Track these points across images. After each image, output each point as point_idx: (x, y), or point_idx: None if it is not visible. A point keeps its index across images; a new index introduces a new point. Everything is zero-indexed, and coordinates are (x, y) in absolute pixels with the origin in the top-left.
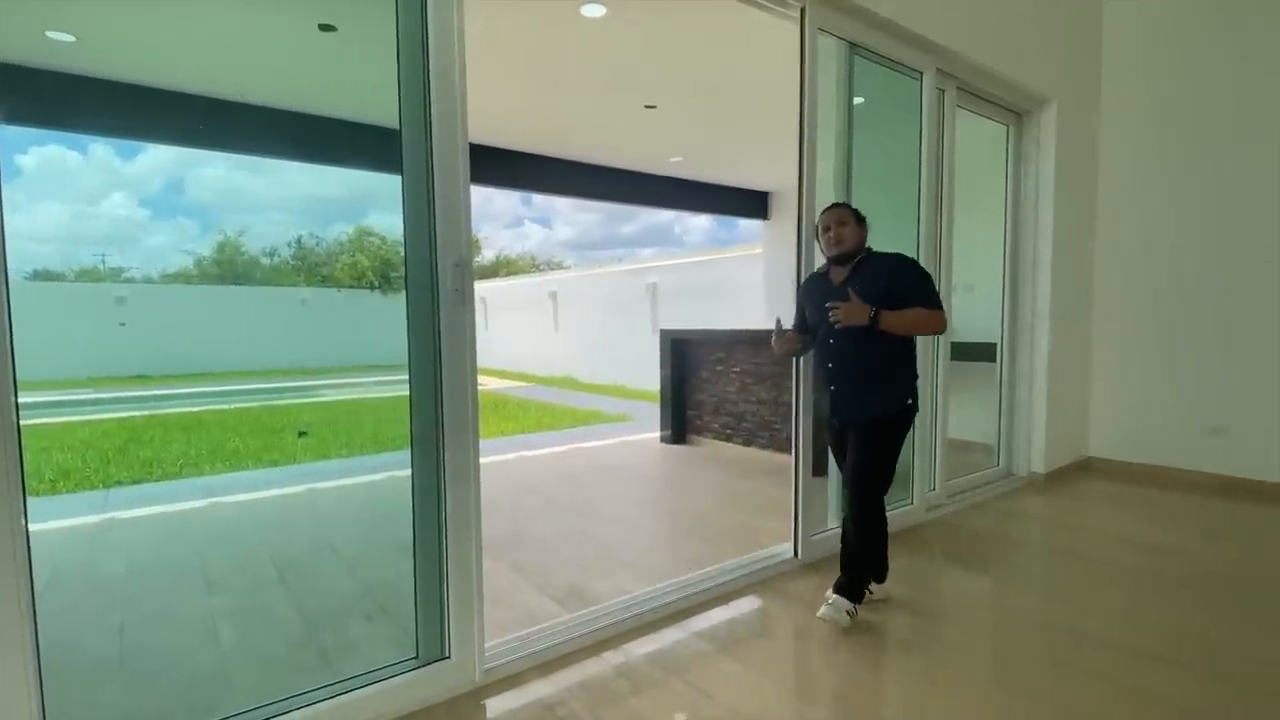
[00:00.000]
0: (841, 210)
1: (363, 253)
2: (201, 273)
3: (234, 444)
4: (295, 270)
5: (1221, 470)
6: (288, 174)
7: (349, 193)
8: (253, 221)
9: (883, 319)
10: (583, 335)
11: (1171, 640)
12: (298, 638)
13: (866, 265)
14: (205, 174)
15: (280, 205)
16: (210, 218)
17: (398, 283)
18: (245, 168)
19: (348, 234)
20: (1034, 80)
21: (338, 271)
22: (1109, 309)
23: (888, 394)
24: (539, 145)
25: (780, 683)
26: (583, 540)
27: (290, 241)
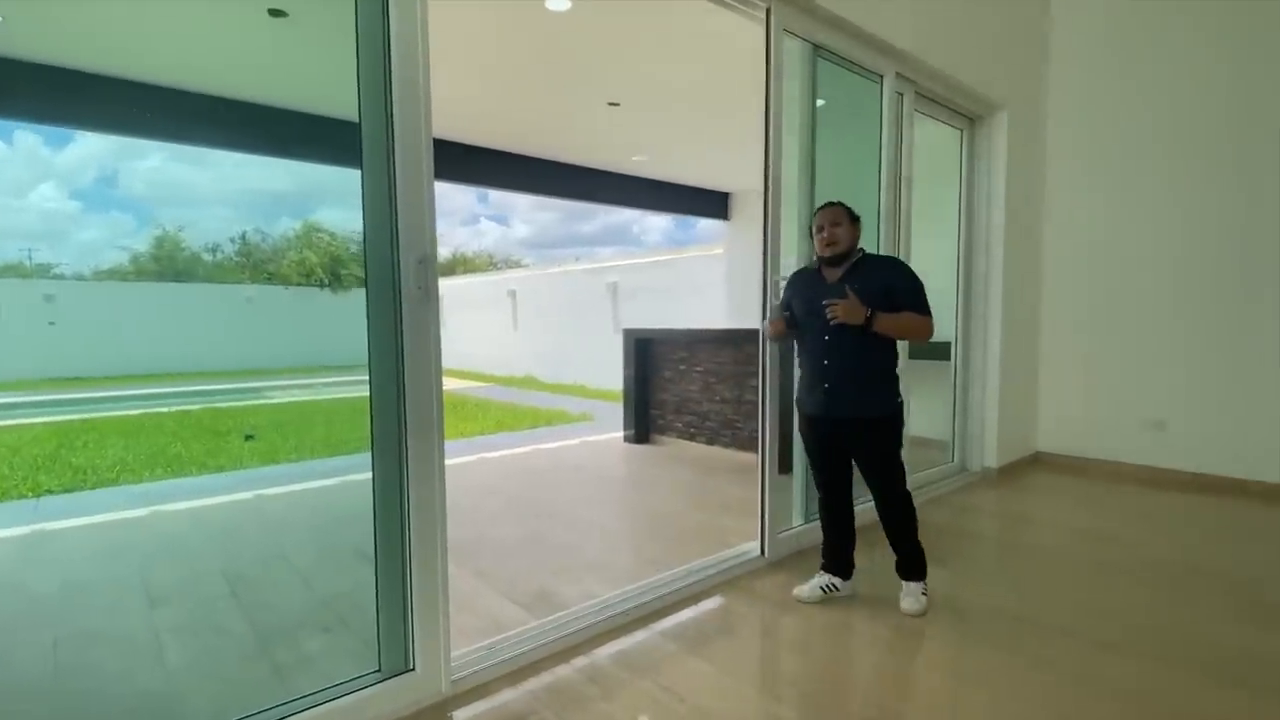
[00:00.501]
0: (836, 210)
1: (311, 249)
2: (138, 269)
3: (175, 449)
4: (240, 267)
5: (1160, 463)
6: (230, 167)
7: (296, 187)
8: (193, 216)
9: (878, 321)
10: (543, 334)
11: (1121, 627)
12: (251, 653)
13: (863, 267)
14: (141, 166)
15: (223, 199)
16: (147, 212)
17: (349, 280)
18: (185, 160)
19: (295, 230)
20: (987, 87)
21: (285, 268)
22: (1054, 310)
23: (885, 393)
24: (499, 140)
25: (751, 682)
26: (548, 543)
27: (234, 237)
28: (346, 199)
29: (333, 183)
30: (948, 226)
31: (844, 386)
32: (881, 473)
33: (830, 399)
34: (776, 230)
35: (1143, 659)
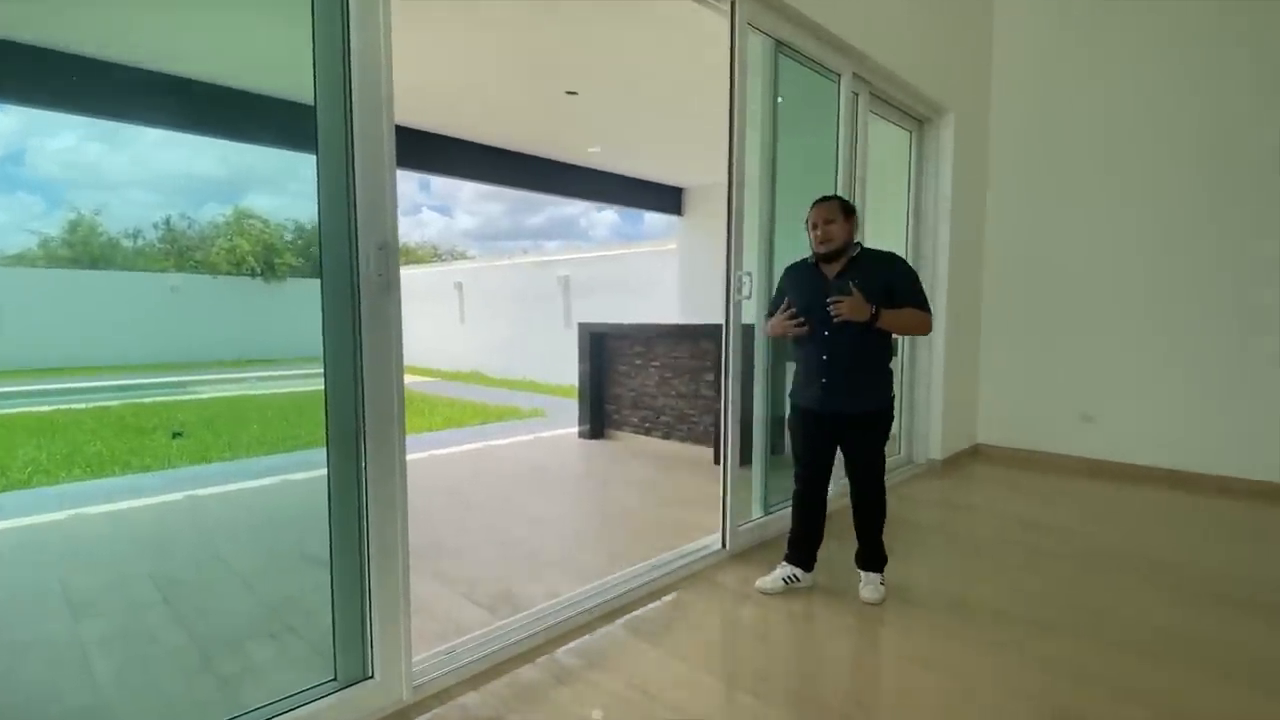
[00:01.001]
0: (830, 206)
1: (243, 236)
2: (49, 255)
3: (94, 447)
4: (164, 254)
5: (1092, 454)
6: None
7: (225, 171)
8: (110, 199)
9: (881, 318)
10: (491, 328)
11: (1059, 609)
12: (190, 665)
13: (863, 262)
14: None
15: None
16: (58, 193)
17: (284, 270)
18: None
19: (225, 216)
20: (936, 90)
21: (213, 256)
22: (994, 307)
23: (881, 388)
24: (449, 126)
25: (719, 675)
26: (507, 542)
27: (157, 222)
28: (281, 184)
29: (262, 167)
30: (898, 225)
31: (842, 381)
32: (868, 466)
33: (828, 394)
34: (740, 225)
35: (1080, 638)
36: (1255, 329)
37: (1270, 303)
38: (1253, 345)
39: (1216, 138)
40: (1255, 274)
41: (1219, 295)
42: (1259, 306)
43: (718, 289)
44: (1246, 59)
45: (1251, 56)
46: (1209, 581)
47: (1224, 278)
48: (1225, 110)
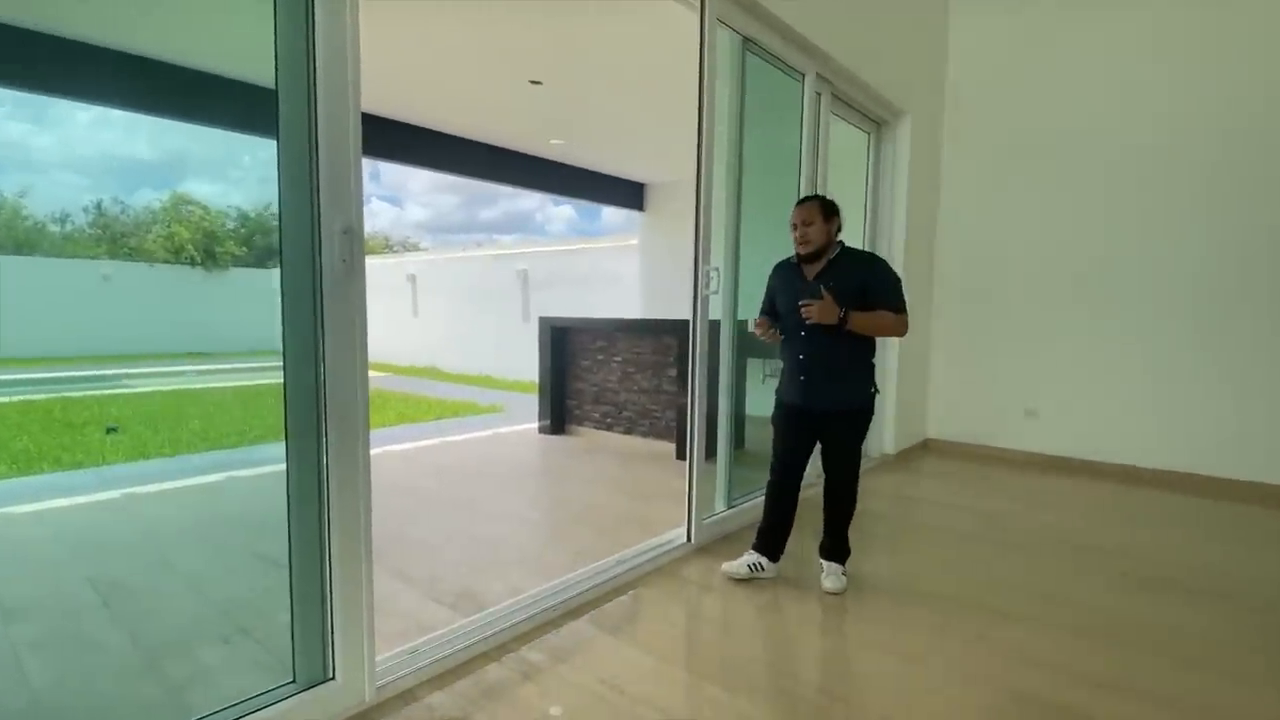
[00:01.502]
0: (809, 208)
1: (181, 223)
2: None
3: (20, 443)
4: (95, 240)
5: (1036, 448)
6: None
7: (160, 155)
8: (36, 181)
9: (852, 320)
10: (446, 322)
11: (1008, 595)
12: (135, 670)
13: (840, 263)
14: None
15: (70, 165)
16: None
17: (225, 259)
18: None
19: (161, 201)
20: (895, 93)
21: (149, 243)
22: (944, 307)
23: (858, 384)
24: (407, 113)
25: (688, 667)
26: (468, 539)
27: (87, 207)
28: (221, 170)
29: (201, 152)
30: (855, 225)
31: (819, 380)
32: (845, 461)
33: (807, 391)
34: (709, 219)
35: (1030, 623)
36: (1189, 328)
37: (1207, 298)
38: (1186, 343)
39: (1160, 142)
40: (1190, 275)
41: (1155, 295)
42: (1191, 307)
43: (680, 284)
44: (1194, 64)
45: (1199, 61)
46: (1147, 567)
47: (1160, 278)
48: (1171, 114)
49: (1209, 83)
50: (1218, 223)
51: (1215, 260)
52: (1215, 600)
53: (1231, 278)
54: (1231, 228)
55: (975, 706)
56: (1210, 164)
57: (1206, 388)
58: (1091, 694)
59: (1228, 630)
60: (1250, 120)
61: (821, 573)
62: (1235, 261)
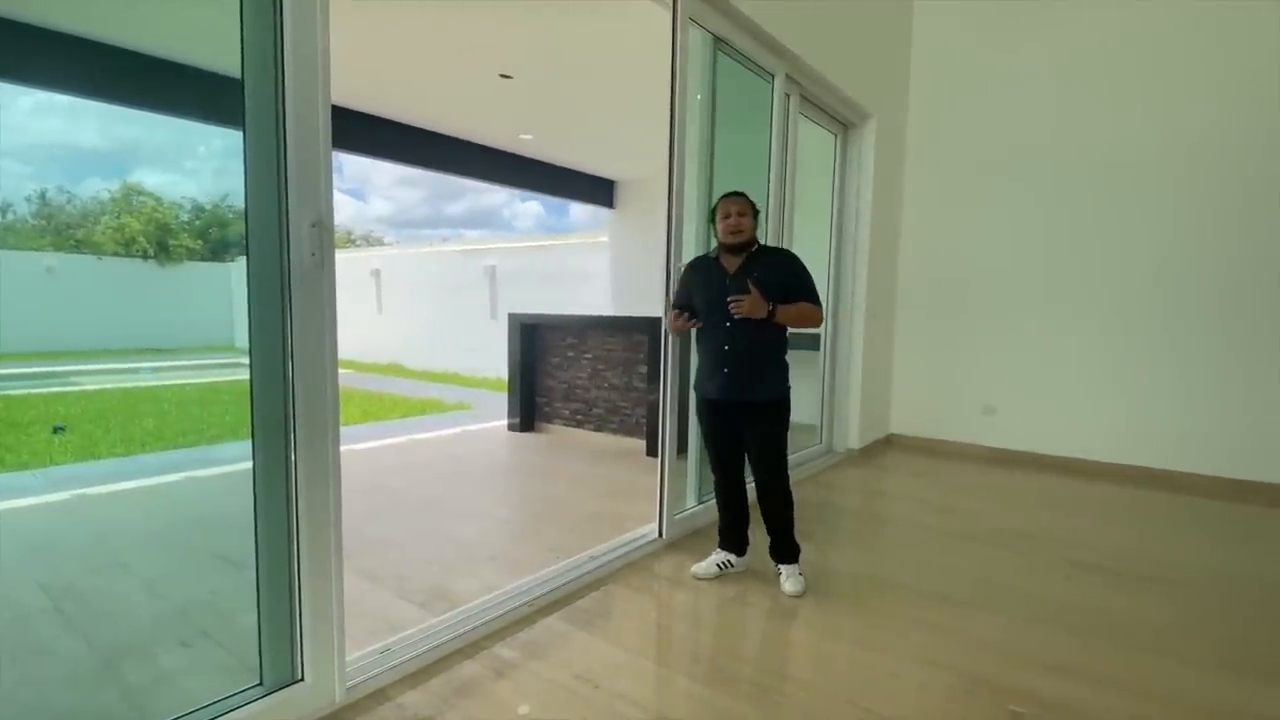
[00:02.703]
0: (743, 200)
1: (131, 215)
2: None
3: None
4: (38, 231)
5: (994, 443)
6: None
7: (109, 143)
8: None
9: (779, 312)
10: (411, 318)
11: (969, 586)
12: (90, 676)
13: (761, 258)
14: None
15: (10, 152)
16: None
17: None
18: None
19: (110, 192)
20: (861, 95)
21: (98, 235)
22: (907, 304)
23: (779, 378)
24: (373, 104)
25: (662, 662)
26: (438, 537)
27: (30, 196)
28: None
29: (153, 141)
30: (822, 225)
31: (744, 371)
32: (769, 455)
33: (730, 383)
34: (680, 216)
35: (985, 610)
36: (1143, 327)
37: (1154, 300)
38: (1139, 342)
39: (1115, 144)
40: (1143, 274)
41: (1108, 293)
42: (1143, 304)
43: (650, 281)
44: (1148, 69)
45: (1154, 65)
46: (1098, 557)
47: (1115, 278)
48: (1136, 105)
49: (1164, 88)
50: (1169, 222)
51: (1168, 259)
52: (1166, 588)
53: (1183, 277)
54: (1184, 227)
55: (934, 689)
56: (1164, 165)
57: (1159, 384)
58: (1043, 677)
59: (1177, 616)
60: (1205, 120)
61: (779, 576)
62: (1187, 261)
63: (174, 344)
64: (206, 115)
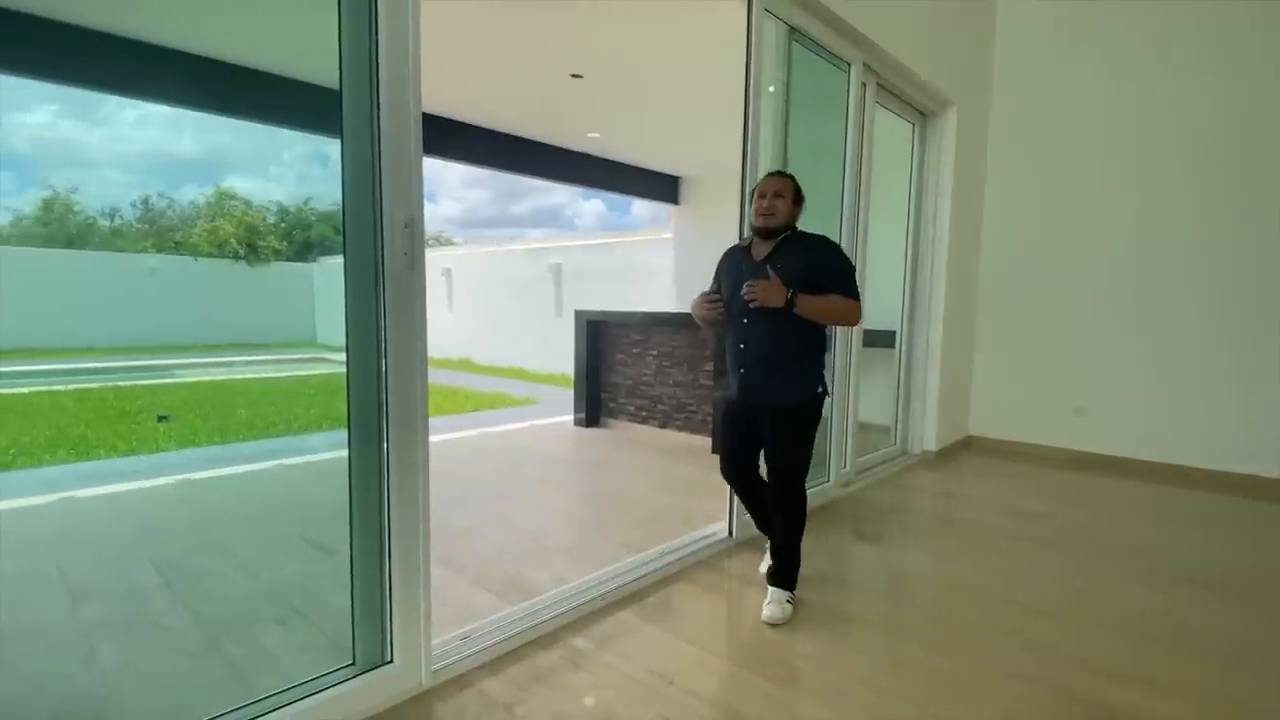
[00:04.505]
0: (784, 180)
1: (224, 218)
2: (21, 233)
3: (79, 430)
4: (142, 235)
5: (1083, 447)
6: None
7: (202, 151)
8: (86, 178)
9: (799, 303)
10: (480, 315)
11: (1055, 595)
12: (198, 651)
13: (790, 245)
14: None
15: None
16: (29, 171)
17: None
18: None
19: (205, 197)
20: (941, 83)
21: (194, 238)
22: (989, 301)
23: (801, 380)
24: (445, 107)
25: (736, 661)
26: (511, 527)
27: (135, 202)
28: (262, 166)
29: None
30: (898, 217)
31: (758, 372)
32: (782, 464)
33: (744, 384)
34: None
35: (1071, 621)
36: (1248, 326)
37: (1265, 300)
38: (1245, 342)
39: (1218, 130)
40: (1251, 270)
41: (1213, 291)
42: (1253, 303)
43: None
44: (1255, 48)
45: (1261, 46)
46: (1193, 568)
47: (1220, 273)
48: (1230, 102)
49: (1263, 78)
50: (1272, 219)
51: (1270, 257)
52: (1262, 603)
53: None
54: None
55: (1019, 700)
56: (1264, 161)
57: (1260, 387)
58: (1139, 693)
59: (1272, 632)
60: None
61: (765, 598)
62: None
63: (262, 339)
64: (306, 124)
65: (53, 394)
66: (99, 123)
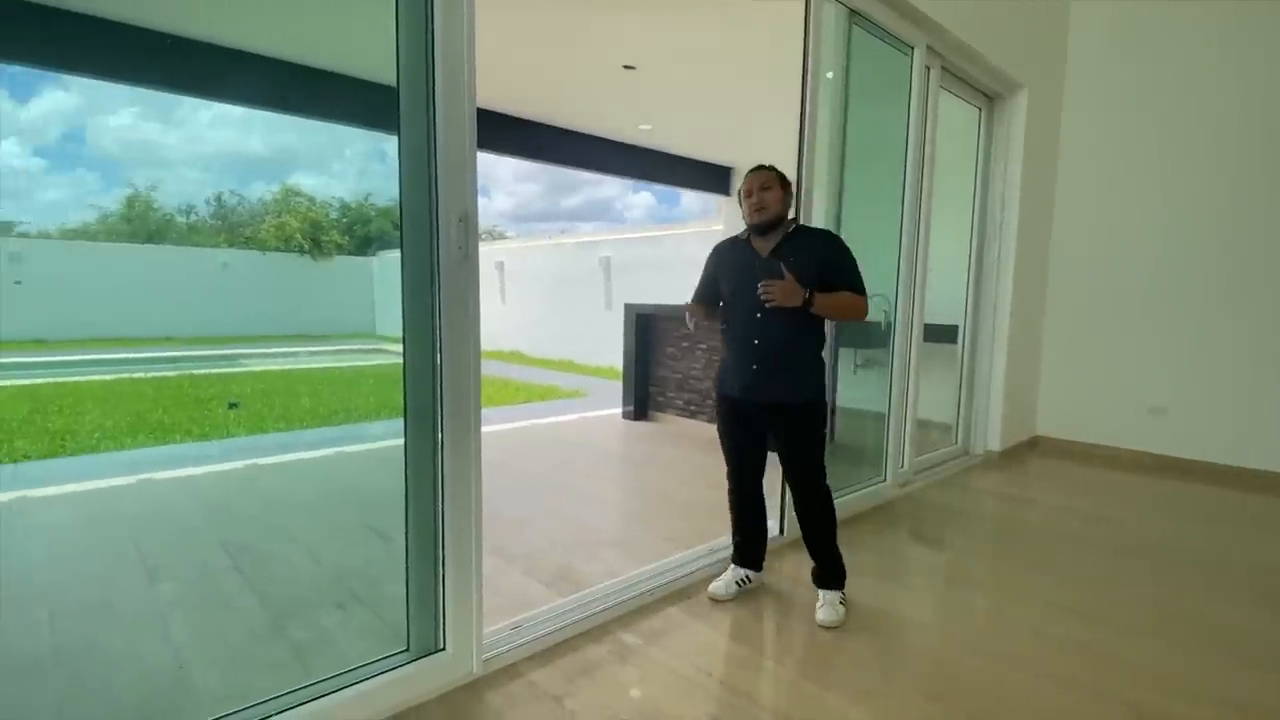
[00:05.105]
0: (767, 174)
1: (290, 214)
2: (107, 230)
3: (157, 415)
4: (215, 230)
5: (1159, 449)
6: (204, 127)
7: (270, 150)
8: (163, 176)
9: (816, 301)
10: (531, 308)
11: (1129, 606)
12: (262, 631)
13: (797, 240)
14: (110, 123)
15: (193, 161)
16: (114, 171)
17: (330, 247)
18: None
19: (272, 193)
20: (1010, 64)
21: (262, 233)
22: (1060, 294)
23: (814, 377)
24: (496, 101)
25: (783, 661)
26: (561, 519)
27: (209, 199)
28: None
29: (307, 146)
30: (960, 207)
31: (774, 368)
32: (805, 467)
33: (758, 381)
34: (808, 203)
35: (1148, 636)
36: None
37: None
38: None
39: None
40: None
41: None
42: None
43: None
44: None
45: None
46: (1273, 581)
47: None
48: None
49: None
50: None
51: None
52: None
53: None
54: None
55: (1084, 718)
56: None
57: None
58: (1209, 712)
59: None
60: None
61: (817, 601)
62: None
63: (324, 330)
64: (367, 122)
65: (133, 381)
66: (176, 124)
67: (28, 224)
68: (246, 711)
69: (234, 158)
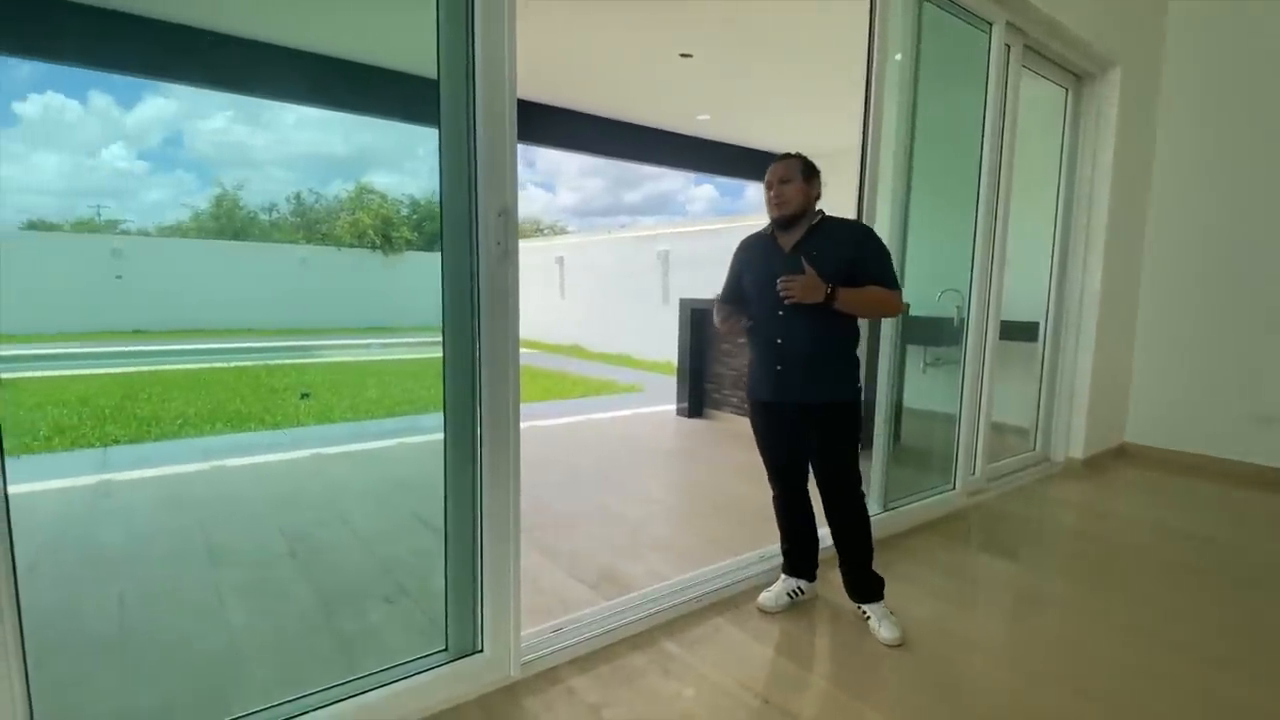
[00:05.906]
0: (787, 165)
1: (364, 210)
2: (199, 227)
3: (234, 404)
4: (294, 227)
5: (1263, 461)
6: (287, 130)
7: (348, 150)
8: (250, 176)
9: (839, 297)
10: (590, 303)
11: (1235, 637)
12: (313, 621)
13: (821, 232)
14: (205, 127)
15: (279, 161)
16: (208, 171)
17: (400, 243)
18: (245, 121)
19: (348, 191)
20: (1100, 40)
21: (338, 229)
22: (1156, 290)
23: (845, 377)
24: (552, 95)
25: (835, 681)
26: (608, 518)
27: (289, 197)
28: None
29: (381, 146)
30: (1039, 195)
31: (799, 369)
32: (836, 472)
33: (783, 382)
34: (873, 195)
35: (1244, 669)
36: None
37: None
38: None
39: None
40: None
41: None
42: None
43: None
44: None
45: None
46: None
47: None
48: None
49: None
50: None
51: None
52: None
53: None
54: None
55: None
56: None
57: None
58: None
59: None
60: None
61: (866, 619)
62: None
63: (395, 324)
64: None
65: (216, 370)
66: (264, 126)
67: (130, 222)
68: (285, 706)
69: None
